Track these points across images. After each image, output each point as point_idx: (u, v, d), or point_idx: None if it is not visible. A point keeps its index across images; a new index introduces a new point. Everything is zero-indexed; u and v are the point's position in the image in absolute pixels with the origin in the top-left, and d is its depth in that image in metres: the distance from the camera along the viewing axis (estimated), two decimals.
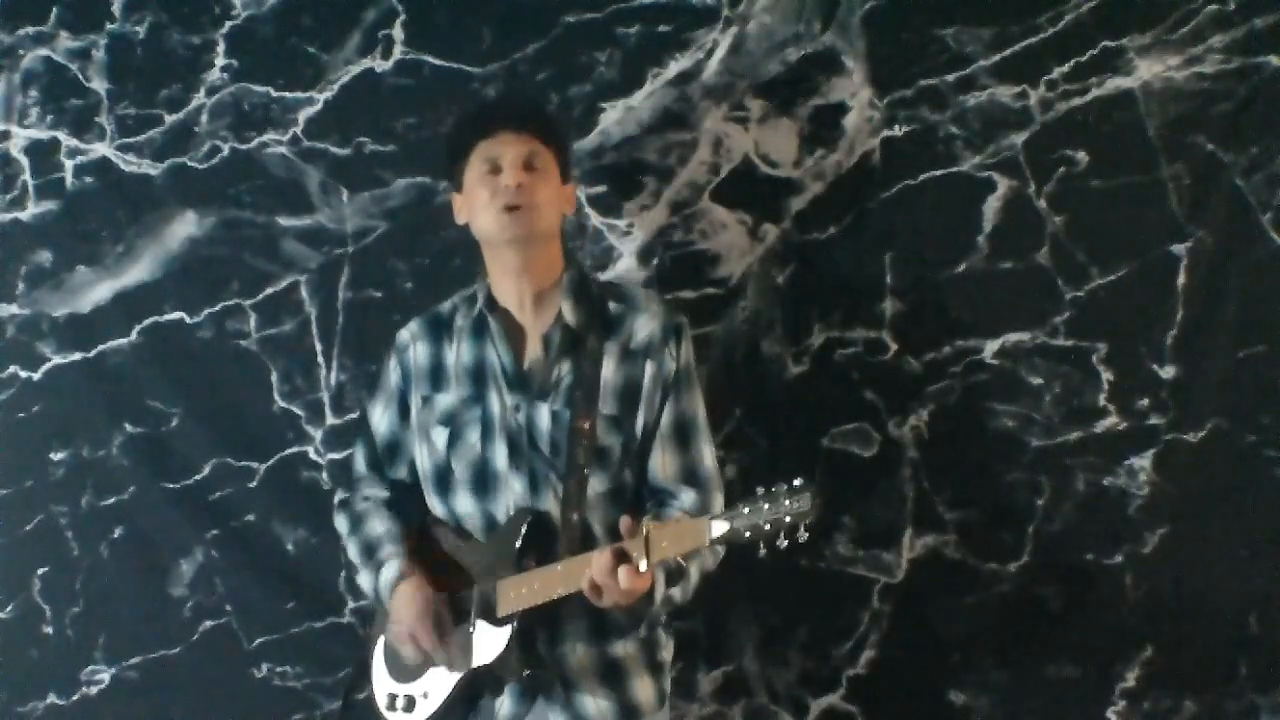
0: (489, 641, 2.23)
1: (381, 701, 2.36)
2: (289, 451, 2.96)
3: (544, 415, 2.28)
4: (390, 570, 2.33)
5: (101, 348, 2.99)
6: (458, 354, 2.36)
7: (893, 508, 2.75)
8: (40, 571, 3.03)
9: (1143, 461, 2.69)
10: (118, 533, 3.01)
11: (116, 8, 2.99)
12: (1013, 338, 2.72)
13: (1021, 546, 2.72)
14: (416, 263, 2.91)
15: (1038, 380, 2.71)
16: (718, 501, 2.31)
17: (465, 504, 2.32)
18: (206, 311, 2.97)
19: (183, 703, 2.99)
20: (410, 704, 2.31)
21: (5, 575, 3.04)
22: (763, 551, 1.96)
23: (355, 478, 2.50)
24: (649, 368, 2.29)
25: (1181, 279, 2.66)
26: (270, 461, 2.96)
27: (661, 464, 2.30)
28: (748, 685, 2.81)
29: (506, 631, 2.21)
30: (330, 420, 2.94)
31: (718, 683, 2.82)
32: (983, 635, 2.74)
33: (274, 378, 2.95)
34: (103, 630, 3.01)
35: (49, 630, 3.03)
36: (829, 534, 2.76)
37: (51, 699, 3.02)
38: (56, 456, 3.02)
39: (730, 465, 2.69)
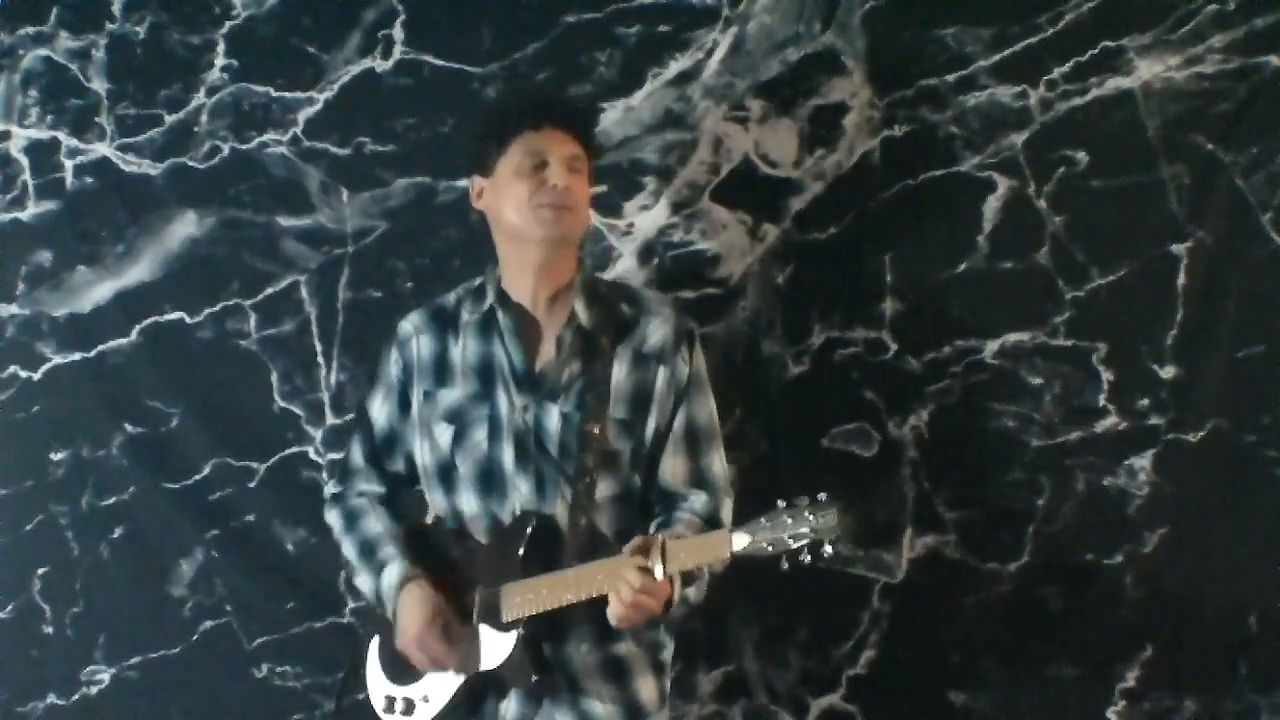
0: (493, 646, 2.20)
1: (379, 704, 2.33)
2: (289, 451, 2.96)
3: (553, 417, 2.25)
4: (393, 573, 2.29)
5: (101, 348, 3.00)
6: (463, 349, 2.31)
7: (893, 508, 2.75)
8: (40, 571, 3.03)
9: (1143, 461, 2.68)
10: (118, 533, 3.01)
11: (116, 8, 2.99)
12: (1013, 338, 2.72)
13: (1021, 546, 2.72)
14: (416, 263, 2.91)
15: (1038, 380, 2.71)
16: (727, 505, 2.29)
17: (470, 503, 2.28)
18: (206, 311, 2.97)
19: (183, 703, 3.00)
20: (410, 707, 2.28)
21: (5, 575, 3.05)
22: (785, 565, 1.95)
23: (351, 470, 2.44)
24: (661, 373, 2.27)
25: (1181, 279, 2.66)
26: (270, 461, 2.96)
27: (672, 468, 2.28)
28: (748, 685, 2.81)
29: (512, 637, 2.18)
30: (330, 420, 2.94)
31: (718, 683, 2.82)
32: (983, 635, 2.74)
33: (274, 378, 2.95)
34: (103, 630, 3.02)
35: (49, 630, 3.03)
36: None
37: (51, 699, 3.03)
38: (56, 456, 3.02)
39: (730, 465, 2.68)
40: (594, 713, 2.23)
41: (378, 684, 2.35)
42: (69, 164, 3.00)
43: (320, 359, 2.95)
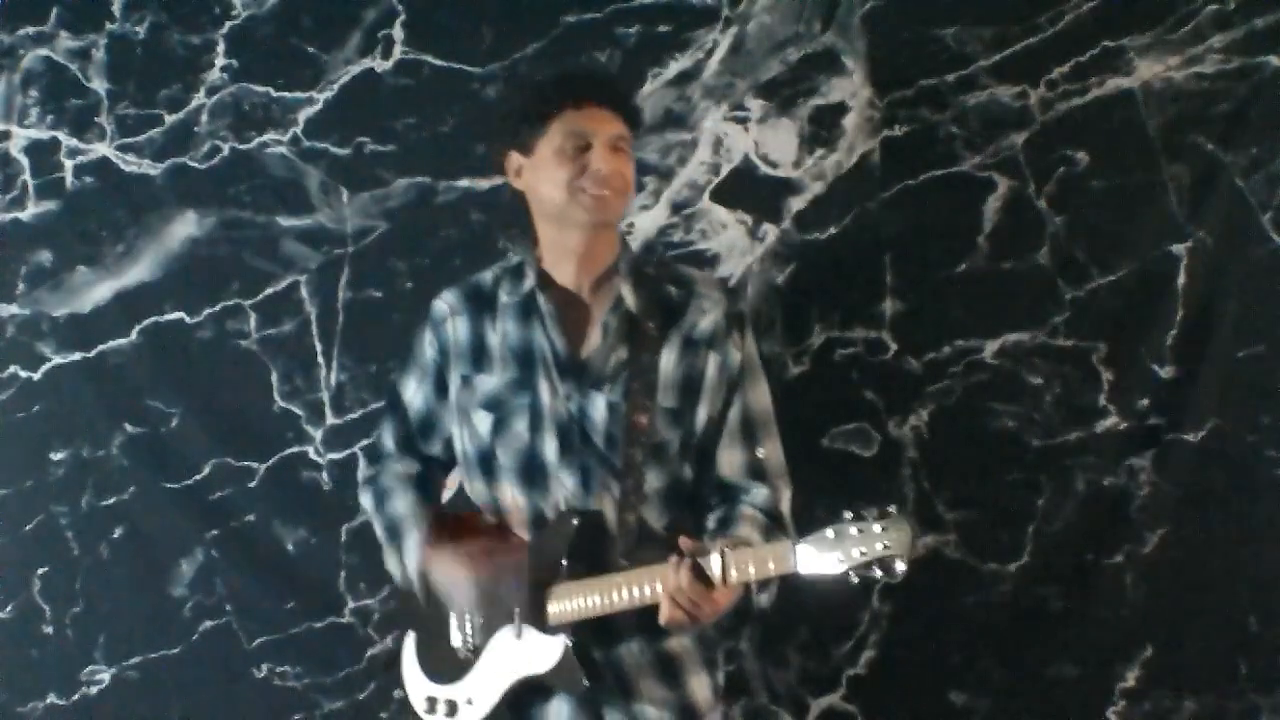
0: (540, 650, 2.10)
1: (419, 705, 2.24)
2: (289, 451, 2.96)
3: (599, 406, 2.13)
4: (412, 543, 2.21)
5: (101, 348, 3.00)
6: (502, 333, 2.20)
7: None
8: (40, 571, 3.03)
9: (1143, 461, 2.68)
10: (118, 533, 3.01)
11: (116, 8, 2.99)
12: (1013, 338, 2.72)
13: (1021, 546, 2.72)
14: (416, 263, 2.91)
15: (1038, 380, 2.71)
16: (786, 497, 2.18)
17: (512, 495, 2.18)
18: (206, 311, 2.97)
19: (183, 703, 3.00)
20: (452, 709, 2.19)
21: (5, 575, 3.05)
22: (855, 580, 1.83)
23: (383, 454, 2.34)
24: (713, 359, 2.15)
25: (1181, 279, 2.66)
26: (270, 461, 2.96)
27: (729, 460, 2.16)
28: (748, 685, 2.81)
29: (560, 642, 2.08)
30: (330, 420, 2.94)
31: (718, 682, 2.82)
32: (983, 635, 2.74)
33: (274, 378, 2.95)
34: (103, 630, 3.02)
35: (49, 630, 3.03)
36: None
37: (51, 699, 3.03)
38: (56, 456, 3.02)
39: None
40: (646, 717, 2.14)
41: (417, 684, 2.26)
42: (69, 164, 3.00)
43: (320, 359, 2.95)
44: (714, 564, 1.93)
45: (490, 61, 2.87)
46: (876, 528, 1.79)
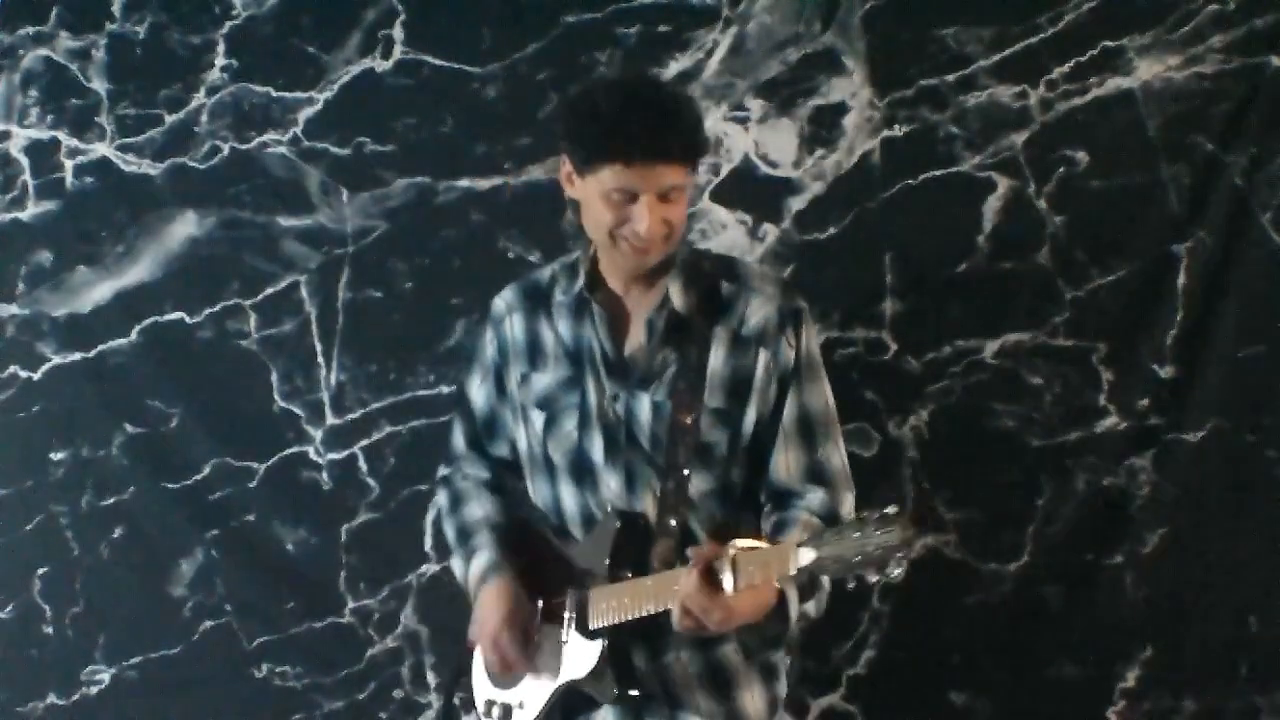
0: (581, 655, 2.05)
1: (480, 707, 2.21)
2: (289, 451, 2.96)
3: (644, 406, 2.07)
4: (480, 562, 2.16)
5: (101, 348, 3.00)
6: (556, 332, 2.15)
7: None
8: (40, 571, 3.03)
9: (1143, 461, 2.68)
10: (118, 533, 3.01)
11: (116, 8, 2.99)
12: (1013, 338, 2.72)
13: (1021, 546, 2.72)
14: (416, 263, 2.91)
15: (1038, 380, 2.71)
16: (848, 501, 2.10)
17: (567, 495, 2.14)
18: (206, 311, 2.97)
19: (183, 703, 3.00)
20: (507, 713, 2.14)
21: (5, 575, 3.05)
22: (851, 584, 1.78)
23: (455, 455, 2.31)
24: (762, 357, 2.06)
25: (1181, 279, 2.66)
26: (270, 461, 2.96)
27: (785, 463, 2.07)
28: None
29: (598, 646, 2.03)
30: (330, 420, 2.94)
31: None
32: (983, 635, 2.74)
33: (274, 378, 2.95)
34: (103, 630, 3.02)
35: (49, 630, 3.03)
36: None
37: (51, 699, 3.03)
38: (56, 456, 3.03)
39: None
40: None
41: (482, 687, 2.22)
42: (69, 164, 3.00)
43: (320, 359, 2.95)
44: (724, 564, 1.86)
45: (490, 61, 2.87)
46: (874, 530, 1.71)
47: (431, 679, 2.93)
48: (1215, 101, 2.65)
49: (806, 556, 1.76)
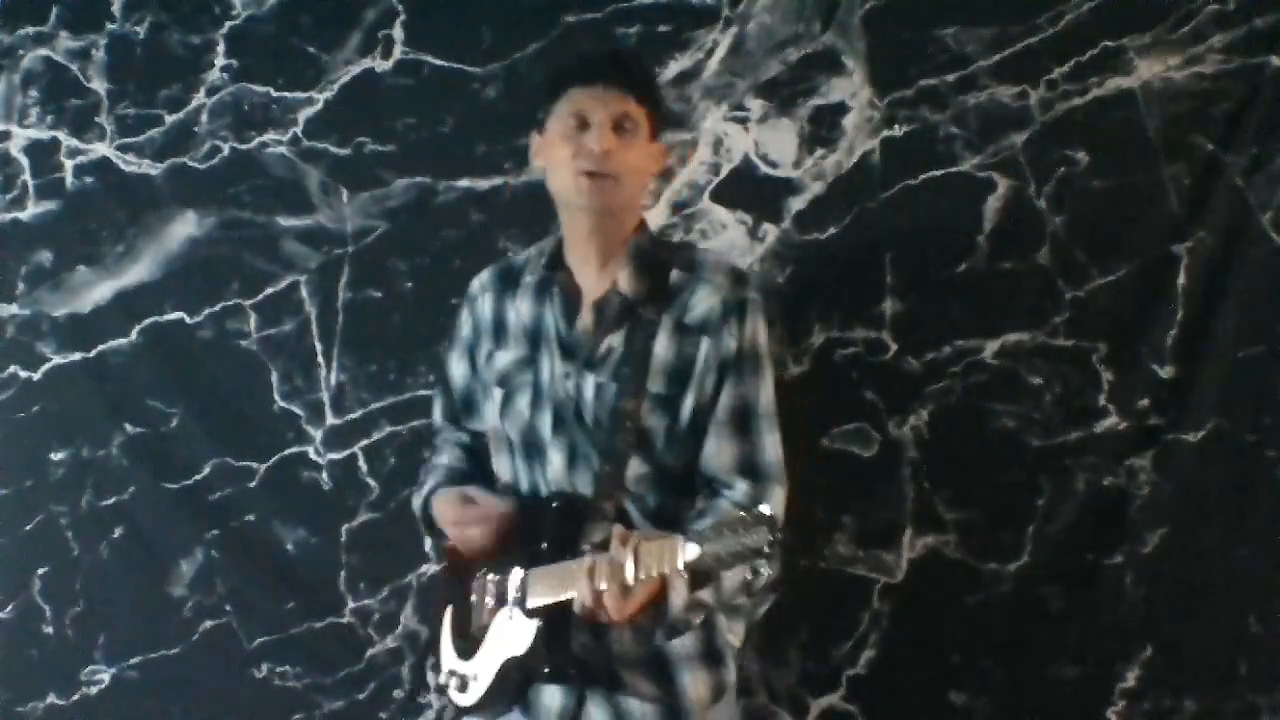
0: (521, 632, 2.09)
1: (444, 677, 2.24)
2: (289, 451, 2.96)
3: (591, 387, 2.13)
4: (431, 482, 2.27)
5: (101, 348, 3.00)
6: (519, 312, 2.23)
7: (893, 508, 2.75)
8: (40, 571, 3.04)
9: (1143, 461, 2.68)
10: (118, 533, 3.01)
11: (116, 8, 2.99)
12: (1013, 338, 2.72)
13: (1021, 546, 2.72)
14: (416, 263, 2.91)
15: (1038, 380, 2.71)
16: (777, 496, 2.13)
17: (522, 472, 2.20)
18: (206, 311, 2.97)
19: (183, 703, 3.00)
20: (463, 684, 2.17)
21: (5, 575, 3.05)
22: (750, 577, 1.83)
23: (435, 429, 2.42)
24: (704, 345, 2.11)
25: (1181, 279, 2.66)
26: (270, 461, 2.96)
27: (716, 452, 2.12)
28: (748, 685, 2.81)
29: (534, 625, 2.07)
30: (330, 420, 2.94)
31: None
32: (983, 635, 2.74)
33: (274, 378, 2.96)
34: (103, 630, 3.02)
35: (49, 630, 3.03)
36: (829, 534, 2.76)
37: (51, 699, 3.03)
38: (56, 456, 3.03)
39: None
40: (629, 710, 2.13)
41: (448, 658, 2.25)
42: (69, 164, 3.01)
43: (320, 359, 2.95)
44: (628, 552, 1.90)
45: (490, 61, 2.87)
46: (747, 530, 1.75)
47: (431, 679, 2.92)
48: (1215, 101, 2.64)
49: (691, 552, 1.80)
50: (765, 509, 1.75)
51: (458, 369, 2.36)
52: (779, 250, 2.79)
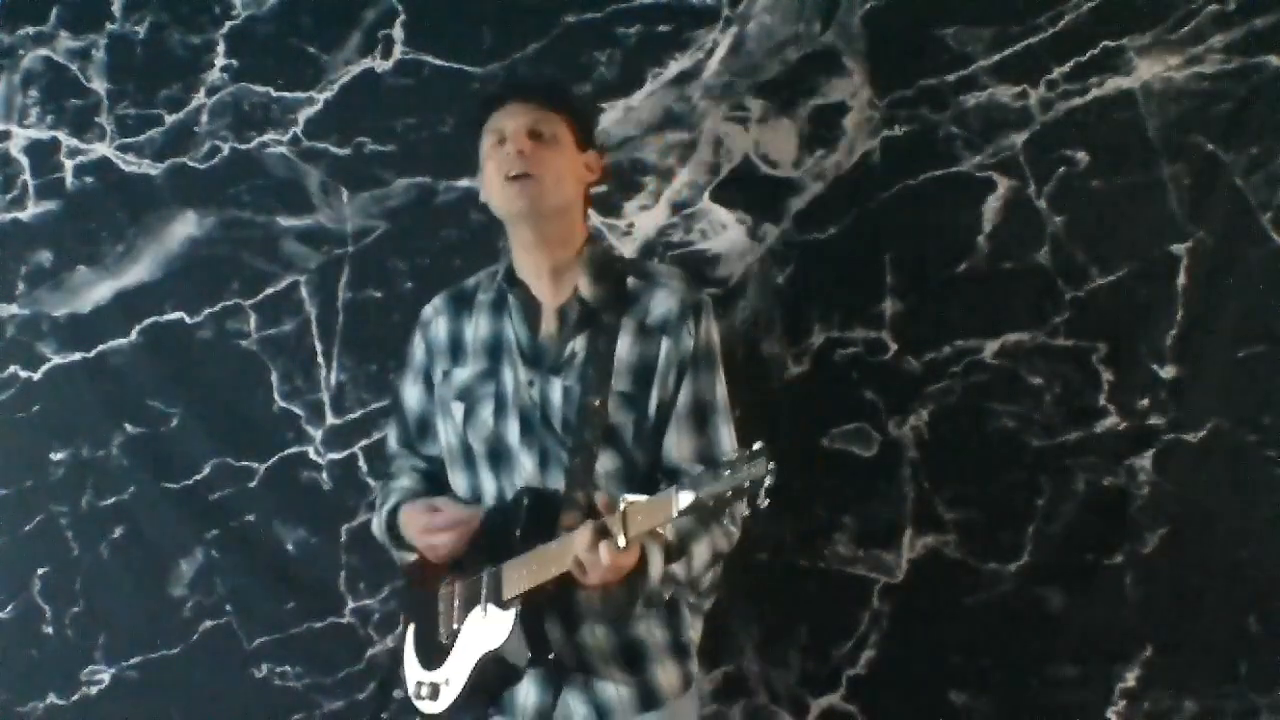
0: (498, 624, 2.15)
1: (411, 690, 2.30)
2: (289, 451, 2.96)
3: (557, 390, 2.22)
4: (391, 502, 2.33)
5: (101, 348, 3.00)
6: (476, 328, 2.32)
7: (893, 508, 2.75)
8: (40, 571, 3.03)
9: (1143, 461, 2.68)
10: (118, 533, 3.01)
11: (116, 8, 2.99)
12: (1013, 338, 2.72)
13: (1021, 546, 2.72)
14: (416, 263, 2.91)
15: (1038, 380, 2.71)
16: None
17: (487, 481, 2.27)
18: (206, 311, 2.97)
19: (183, 703, 3.00)
20: (434, 691, 2.23)
21: (5, 575, 3.05)
22: (732, 524, 2.06)
23: (389, 455, 2.47)
24: (665, 344, 2.22)
25: (1181, 279, 2.66)
26: (270, 461, 2.96)
27: (676, 445, 2.23)
28: (748, 685, 2.81)
29: (511, 614, 2.13)
30: (330, 420, 2.94)
31: (718, 683, 2.82)
32: (983, 635, 2.74)
33: (274, 378, 2.95)
34: (103, 630, 3.02)
35: (49, 630, 3.03)
36: (829, 534, 2.76)
37: (51, 699, 3.03)
38: (56, 456, 3.03)
39: None
40: (606, 696, 2.20)
41: (412, 670, 2.31)
42: (69, 164, 3.01)
43: (320, 359, 2.95)
44: (615, 520, 1.97)
45: (490, 61, 2.87)
46: (743, 466, 1.84)
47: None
48: (1215, 101, 2.65)
49: (686, 499, 1.88)
50: (758, 445, 1.84)
51: (411, 394, 2.41)
52: (779, 250, 2.79)
